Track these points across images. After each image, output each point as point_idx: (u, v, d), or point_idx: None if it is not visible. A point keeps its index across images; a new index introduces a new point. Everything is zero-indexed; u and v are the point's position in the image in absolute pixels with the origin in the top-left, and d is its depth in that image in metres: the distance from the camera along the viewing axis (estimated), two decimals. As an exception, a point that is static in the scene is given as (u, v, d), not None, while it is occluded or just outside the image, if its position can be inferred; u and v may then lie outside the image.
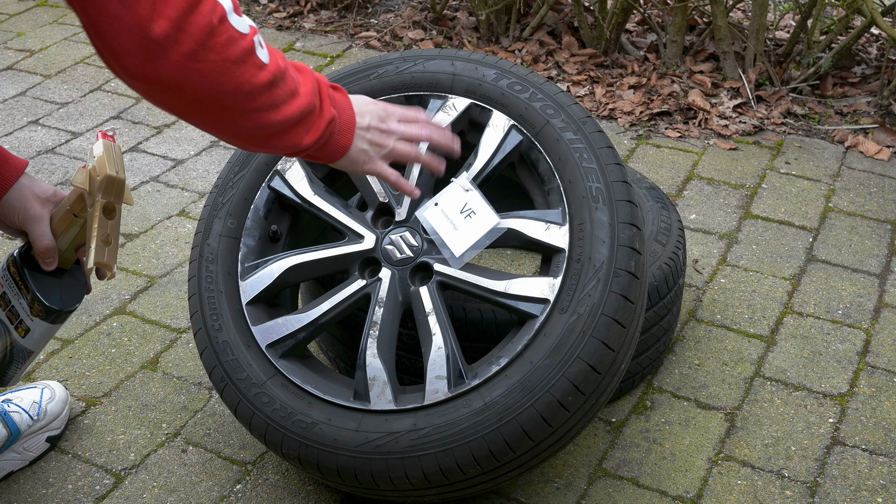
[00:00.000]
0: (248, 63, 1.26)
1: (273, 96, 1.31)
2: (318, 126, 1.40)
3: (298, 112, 1.36)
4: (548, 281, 1.73)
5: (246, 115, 1.29)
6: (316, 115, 1.40)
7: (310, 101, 1.38)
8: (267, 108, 1.31)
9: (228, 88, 1.25)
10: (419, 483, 1.70)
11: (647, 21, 3.58)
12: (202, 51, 1.19)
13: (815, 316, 2.35)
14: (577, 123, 1.82)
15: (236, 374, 1.81)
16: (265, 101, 1.30)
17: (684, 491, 1.92)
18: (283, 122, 1.34)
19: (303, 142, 1.39)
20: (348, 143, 1.48)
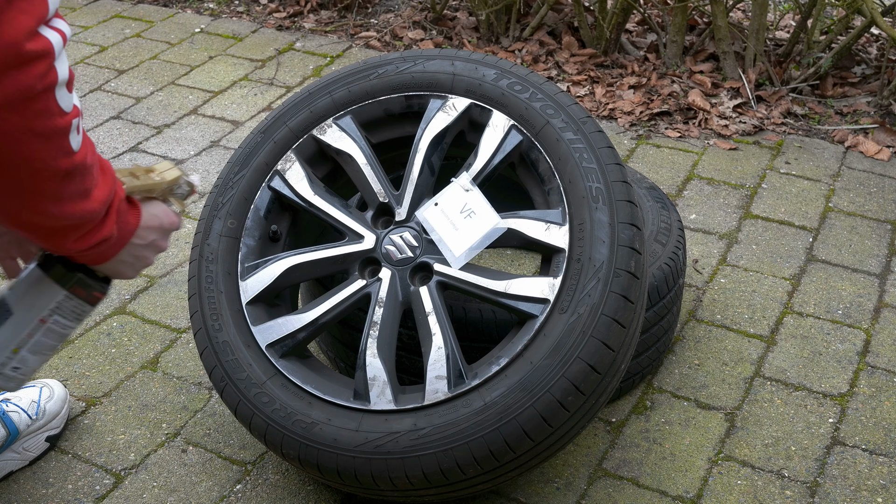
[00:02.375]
0: (54, 144, 1.14)
1: (67, 187, 1.18)
2: (91, 238, 1.28)
3: (80, 215, 1.23)
4: (548, 281, 1.73)
5: (25, 194, 1.15)
6: (95, 227, 1.27)
7: (97, 208, 1.25)
8: (50, 197, 1.17)
9: (19, 159, 1.11)
10: (419, 483, 1.70)
11: (647, 21, 3.58)
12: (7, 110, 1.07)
13: (815, 316, 2.35)
14: (577, 123, 1.82)
15: (236, 374, 1.81)
16: (52, 188, 1.17)
17: (684, 491, 1.92)
18: (60, 218, 1.21)
19: (66, 245, 1.26)
20: (111, 255, 1.36)
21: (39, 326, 1.38)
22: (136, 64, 3.55)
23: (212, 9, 3.96)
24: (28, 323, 1.38)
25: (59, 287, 1.37)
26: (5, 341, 1.36)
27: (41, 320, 1.38)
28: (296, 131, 1.97)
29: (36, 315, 1.37)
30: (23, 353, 1.39)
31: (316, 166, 1.98)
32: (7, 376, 1.40)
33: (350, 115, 1.96)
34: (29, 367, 1.41)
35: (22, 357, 1.39)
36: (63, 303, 1.38)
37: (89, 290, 1.40)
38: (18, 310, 1.37)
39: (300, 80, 3.42)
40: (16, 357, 1.38)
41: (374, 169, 1.91)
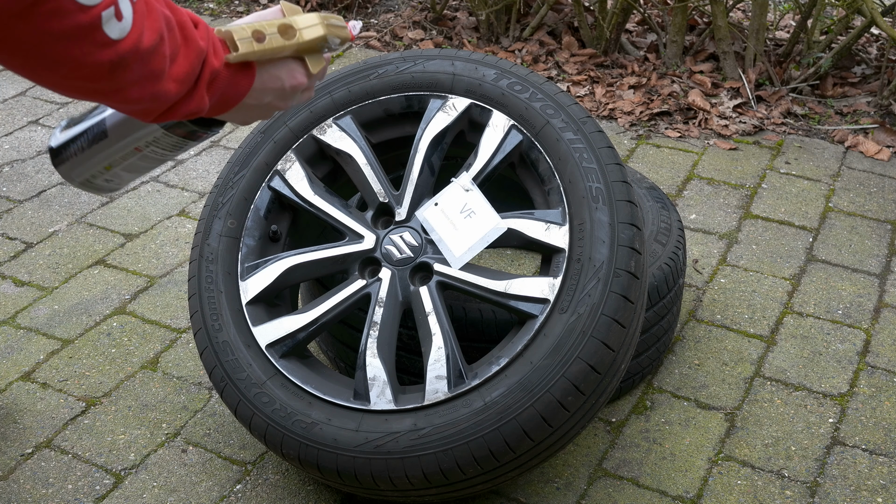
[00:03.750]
0: (84, 40, 1.04)
1: (118, 78, 1.09)
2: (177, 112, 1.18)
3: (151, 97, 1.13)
4: (548, 281, 1.73)
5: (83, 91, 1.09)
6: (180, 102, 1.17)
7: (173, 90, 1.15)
8: (108, 91, 1.10)
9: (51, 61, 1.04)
10: (419, 483, 1.70)
11: (647, 21, 3.58)
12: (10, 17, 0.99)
13: (815, 316, 2.35)
14: (577, 123, 1.82)
15: (236, 374, 1.81)
16: (105, 84, 1.09)
17: (684, 491, 1.92)
18: (128, 103, 1.13)
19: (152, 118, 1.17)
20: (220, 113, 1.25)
21: (134, 154, 1.31)
22: (136, 64, 3.55)
23: (212, 9, 3.96)
24: (123, 149, 1.30)
25: (157, 126, 1.29)
26: (98, 159, 1.30)
27: (136, 149, 1.31)
28: (296, 131, 1.97)
29: (131, 144, 1.30)
30: (116, 170, 1.32)
31: (316, 166, 1.98)
32: (97, 186, 1.34)
33: (350, 115, 1.96)
34: (122, 181, 1.35)
35: (115, 173, 1.33)
36: (161, 139, 1.30)
37: (191, 132, 1.30)
38: (114, 136, 1.30)
39: (300, 80, 3.42)
40: (108, 172, 1.32)
41: (374, 169, 1.91)
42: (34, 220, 2.73)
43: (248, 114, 1.29)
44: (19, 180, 2.90)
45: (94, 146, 1.30)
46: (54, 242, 2.64)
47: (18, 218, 2.74)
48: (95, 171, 1.32)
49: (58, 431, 2.07)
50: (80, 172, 1.31)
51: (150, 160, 1.34)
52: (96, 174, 1.33)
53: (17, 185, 2.88)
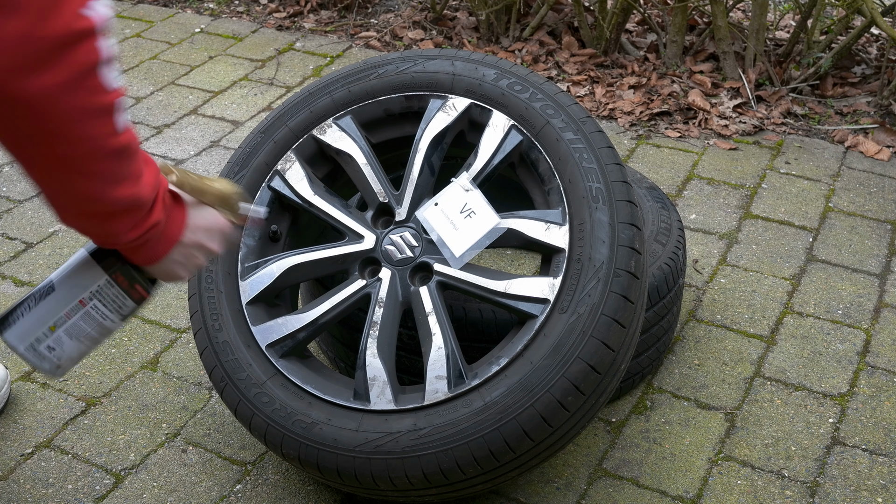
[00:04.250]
0: (105, 121, 1.16)
1: (118, 168, 1.20)
2: (142, 225, 1.29)
3: (133, 198, 1.24)
4: (548, 281, 1.73)
5: (85, 175, 1.18)
6: (145, 213, 1.28)
7: (147, 193, 1.27)
8: (108, 178, 1.20)
9: (74, 138, 1.14)
10: (419, 483, 1.70)
11: (647, 21, 3.58)
12: (63, 90, 1.10)
13: (815, 316, 2.35)
14: (577, 123, 1.82)
15: (236, 374, 1.81)
16: (108, 168, 1.19)
17: (684, 491, 1.92)
18: (115, 202, 1.22)
19: (120, 234, 1.28)
20: (162, 254, 1.37)
21: (78, 308, 1.39)
22: (136, 64, 3.55)
23: (212, 9, 3.96)
24: (68, 302, 1.39)
25: (101, 270, 1.38)
26: (43, 317, 1.38)
27: (80, 301, 1.39)
28: (296, 131, 1.97)
29: (76, 295, 1.38)
30: (59, 332, 1.39)
31: (316, 166, 1.98)
32: (41, 354, 1.39)
33: (350, 115, 1.96)
34: (65, 352, 1.41)
35: (58, 337, 1.39)
36: (104, 289, 1.39)
37: (132, 282, 1.41)
38: (60, 288, 1.38)
39: (300, 80, 3.43)
40: (52, 335, 1.39)
41: (374, 169, 1.91)
42: (34, 220, 2.73)
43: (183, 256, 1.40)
44: (19, 180, 2.90)
45: (41, 302, 1.38)
46: (54, 242, 2.64)
47: (18, 218, 2.74)
48: (40, 332, 1.38)
49: (58, 431, 2.07)
50: (25, 335, 1.37)
51: (92, 322, 1.41)
52: (40, 337, 1.38)
53: (17, 185, 2.88)
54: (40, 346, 1.39)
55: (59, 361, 1.41)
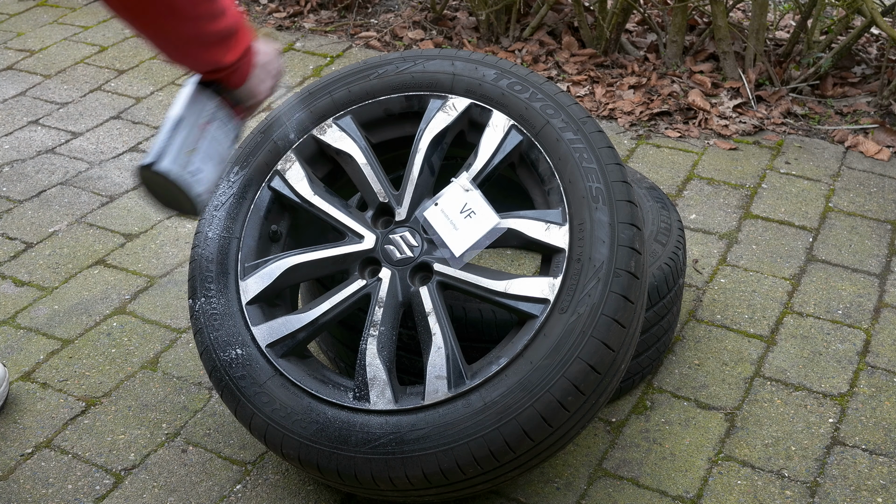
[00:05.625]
0: None
1: (213, 7, 1.46)
2: (239, 46, 1.56)
3: (227, 28, 1.51)
4: (548, 281, 1.73)
5: (190, 21, 1.44)
6: (240, 37, 1.55)
7: (237, 21, 1.53)
8: (207, 18, 1.46)
9: None
10: (419, 483, 1.70)
11: (647, 21, 3.58)
12: None
13: (815, 316, 2.35)
14: (577, 123, 1.82)
15: (236, 373, 1.81)
16: (206, 9, 1.45)
17: (684, 491, 1.92)
18: (216, 34, 1.49)
19: (224, 59, 1.55)
20: (247, 74, 1.64)
21: (204, 131, 1.63)
22: (136, 64, 3.55)
23: (212, 9, 3.95)
24: (194, 126, 1.63)
25: (211, 93, 1.64)
26: (182, 143, 1.61)
27: (204, 124, 1.63)
28: (296, 131, 1.97)
29: (198, 119, 1.63)
30: (196, 157, 1.62)
31: (316, 166, 1.98)
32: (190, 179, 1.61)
33: (350, 115, 1.96)
34: (205, 176, 1.64)
35: (197, 161, 1.62)
36: (217, 111, 1.65)
37: (234, 101, 1.68)
38: (186, 117, 1.63)
39: (300, 80, 3.43)
40: (192, 159, 1.62)
41: (374, 169, 1.91)
42: (34, 220, 2.73)
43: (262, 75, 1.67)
44: (19, 180, 2.90)
45: (174, 133, 1.61)
46: (54, 242, 2.64)
47: (18, 218, 2.74)
48: (183, 157, 1.61)
49: (58, 431, 2.07)
50: (175, 160, 1.59)
51: (217, 144, 1.67)
52: (185, 162, 1.61)
53: (17, 185, 2.88)
54: (188, 170, 1.60)
55: (202, 186, 1.64)
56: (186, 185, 1.61)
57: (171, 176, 1.59)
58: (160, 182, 1.61)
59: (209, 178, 1.65)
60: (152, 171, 1.58)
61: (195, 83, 1.65)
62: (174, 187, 1.61)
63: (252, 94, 1.69)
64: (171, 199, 1.66)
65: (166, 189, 1.62)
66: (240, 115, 1.71)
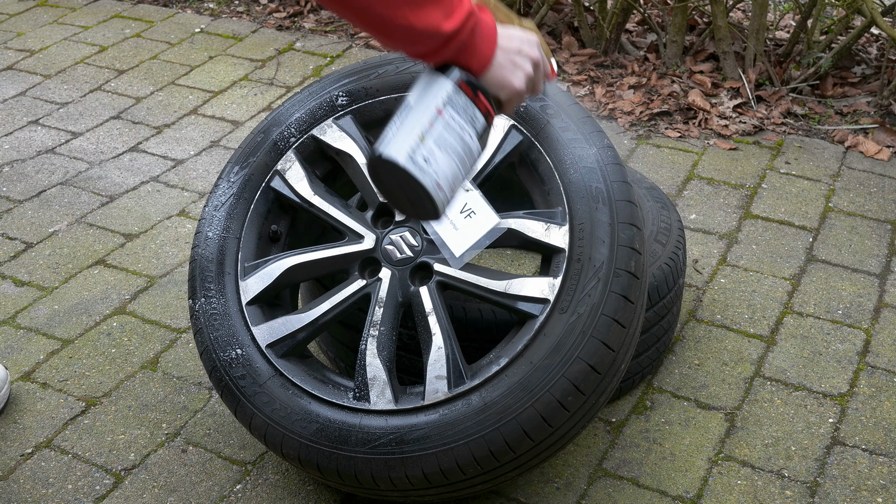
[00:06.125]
0: None
1: None
2: (457, 13, 1.33)
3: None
4: (548, 281, 1.73)
5: None
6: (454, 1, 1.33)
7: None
8: None
9: None
10: (419, 483, 1.70)
11: (647, 21, 3.58)
12: None
13: (815, 316, 2.35)
14: (577, 123, 1.82)
15: (236, 373, 1.81)
16: None
17: (684, 491, 1.92)
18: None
19: (443, 25, 1.32)
20: (489, 54, 1.40)
21: (437, 117, 1.43)
22: (136, 64, 3.55)
23: (212, 9, 3.96)
24: (426, 111, 1.43)
25: (446, 77, 1.43)
26: (410, 128, 1.42)
27: (437, 111, 1.43)
28: (296, 131, 1.97)
29: (431, 104, 1.43)
30: (429, 142, 1.42)
31: (316, 166, 1.98)
32: (420, 166, 1.41)
33: (350, 115, 1.96)
34: (440, 166, 1.43)
35: (430, 148, 1.42)
36: (453, 97, 1.43)
37: (475, 90, 1.45)
38: (417, 102, 1.44)
39: (300, 80, 3.43)
40: (423, 145, 1.42)
41: (374, 169, 1.91)
42: (34, 220, 2.73)
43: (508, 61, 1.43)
44: (19, 180, 2.90)
45: (404, 118, 1.43)
46: (54, 242, 2.64)
47: (18, 218, 2.74)
48: (412, 142, 1.41)
49: (58, 431, 2.07)
50: (401, 146, 1.40)
51: (453, 133, 1.44)
52: (414, 147, 1.41)
53: (17, 185, 2.88)
54: (416, 155, 1.41)
55: (437, 177, 1.42)
56: (418, 174, 1.41)
57: (399, 162, 1.40)
58: (393, 175, 1.42)
59: (445, 170, 1.43)
60: (382, 159, 1.41)
61: (430, 67, 1.46)
62: (407, 178, 1.42)
63: (500, 84, 1.44)
64: (408, 194, 1.45)
65: (401, 182, 1.43)
66: (486, 108, 1.47)
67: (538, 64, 1.47)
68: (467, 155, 1.46)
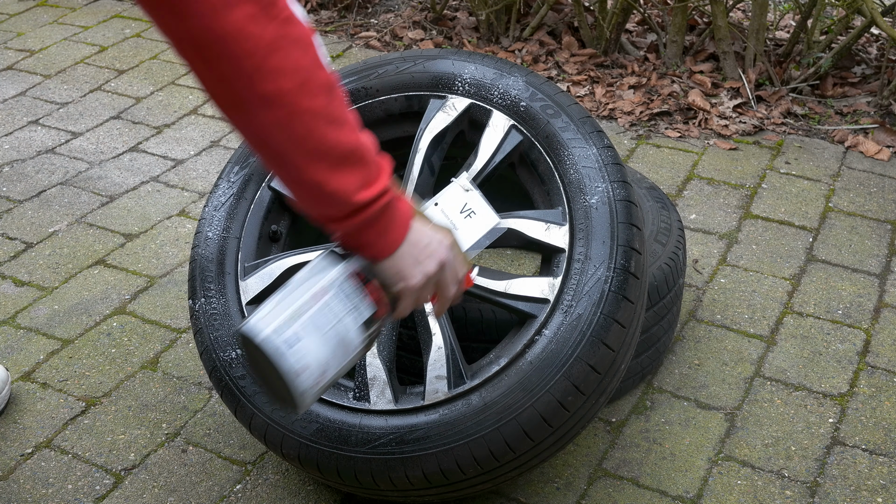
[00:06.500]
0: (309, 53, 1.13)
1: (331, 105, 1.16)
2: (374, 185, 1.22)
3: (354, 144, 1.19)
4: (548, 281, 1.73)
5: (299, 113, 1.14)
6: (374, 170, 1.22)
7: (369, 147, 1.22)
8: (323, 116, 1.15)
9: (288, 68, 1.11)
10: (419, 483, 1.70)
11: (647, 21, 3.58)
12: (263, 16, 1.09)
13: (815, 316, 2.35)
14: (577, 123, 1.82)
15: (236, 373, 1.81)
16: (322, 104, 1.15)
17: (684, 491, 1.92)
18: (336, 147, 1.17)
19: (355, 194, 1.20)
20: (396, 243, 1.28)
21: (317, 300, 1.32)
22: (136, 64, 3.55)
23: (212, 9, 3.95)
24: (307, 291, 1.33)
25: (340, 259, 1.34)
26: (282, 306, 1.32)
27: (319, 293, 1.32)
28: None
29: (313, 284, 1.33)
30: (298, 324, 1.31)
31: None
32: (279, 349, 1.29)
33: (350, 115, 1.96)
34: (307, 350, 1.31)
35: (298, 330, 1.31)
36: (340, 283, 1.33)
37: (368, 278, 1.34)
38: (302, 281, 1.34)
39: (300, 80, 3.42)
40: (292, 326, 1.31)
41: (374, 169, 1.91)
42: (34, 220, 2.73)
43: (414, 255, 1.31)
44: (19, 180, 2.90)
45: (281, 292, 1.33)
46: (54, 242, 2.64)
47: (18, 218, 2.74)
48: (280, 320, 1.31)
49: (58, 431, 2.07)
50: (266, 321, 1.31)
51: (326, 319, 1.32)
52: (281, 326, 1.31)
53: (17, 185, 2.88)
54: (281, 335, 1.30)
55: (300, 364, 1.30)
56: (277, 355, 1.29)
57: (257, 339, 1.30)
58: (257, 353, 1.32)
59: (311, 355, 1.31)
60: (241, 333, 1.32)
61: (328, 250, 1.37)
62: (265, 357, 1.30)
63: (398, 275, 1.31)
64: (270, 378, 1.34)
65: (263, 364, 1.33)
66: (375, 298, 1.34)
67: (445, 266, 1.35)
68: (344, 346, 1.34)
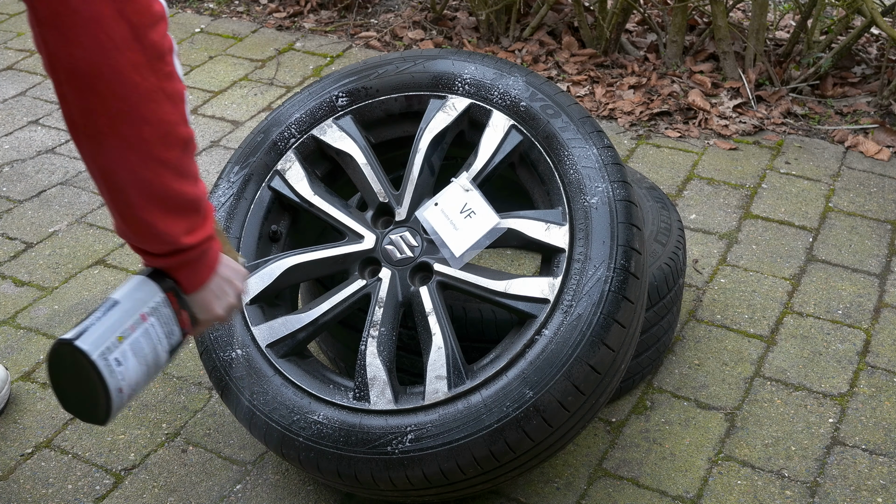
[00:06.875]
0: (178, 108, 1.19)
1: (184, 161, 1.23)
2: (200, 232, 1.31)
3: (194, 198, 1.27)
4: (548, 281, 1.73)
5: (155, 162, 1.20)
6: (202, 220, 1.31)
7: (204, 200, 1.30)
8: (174, 170, 1.22)
9: (154, 119, 1.17)
10: (419, 483, 1.70)
11: (647, 21, 3.58)
12: (147, 69, 1.13)
13: (815, 316, 2.35)
14: (577, 123, 1.82)
15: (236, 373, 1.81)
16: (176, 158, 1.21)
17: (684, 491, 1.92)
18: (179, 196, 1.24)
19: (182, 237, 1.29)
20: (205, 278, 1.40)
21: (140, 322, 1.40)
22: (136, 64, 3.55)
23: (212, 9, 3.96)
24: (131, 314, 1.40)
25: (158, 287, 1.41)
26: (112, 326, 1.38)
27: (142, 316, 1.40)
28: (296, 131, 1.97)
29: (138, 309, 1.40)
30: (125, 345, 1.39)
31: (316, 166, 1.98)
32: (111, 367, 1.36)
33: (350, 116, 1.96)
34: (129, 371, 1.39)
35: (124, 350, 1.38)
36: (160, 307, 1.42)
37: (181, 306, 1.44)
38: (124, 301, 1.41)
39: (300, 80, 3.42)
40: (120, 347, 1.38)
41: (374, 169, 1.91)
42: (34, 220, 2.73)
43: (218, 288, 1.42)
44: (19, 180, 2.90)
45: (108, 313, 1.39)
46: (54, 242, 2.64)
47: (18, 218, 2.74)
48: (110, 342, 1.37)
49: (58, 431, 2.07)
50: (98, 341, 1.36)
51: (149, 343, 1.41)
52: (111, 347, 1.37)
53: (17, 185, 2.88)
54: (110, 356, 1.37)
55: (122, 382, 1.38)
56: (107, 374, 1.36)
57: (92, 357, 1.35)
58: (76, 364, 1.36)
59: (132, 377, 1.39)
60: (73, 347, 1.35)
61: (146, 271, 1.43)
62: (90, 373, 1.36)
63: (204, 307, 1.43)
64: (80, 391, 1.40)
65: (80, 376, 1.38)
66: (185, 325, 1.45)
67: (241, 295, 1.48)
68: (154, 367, 1.43)
